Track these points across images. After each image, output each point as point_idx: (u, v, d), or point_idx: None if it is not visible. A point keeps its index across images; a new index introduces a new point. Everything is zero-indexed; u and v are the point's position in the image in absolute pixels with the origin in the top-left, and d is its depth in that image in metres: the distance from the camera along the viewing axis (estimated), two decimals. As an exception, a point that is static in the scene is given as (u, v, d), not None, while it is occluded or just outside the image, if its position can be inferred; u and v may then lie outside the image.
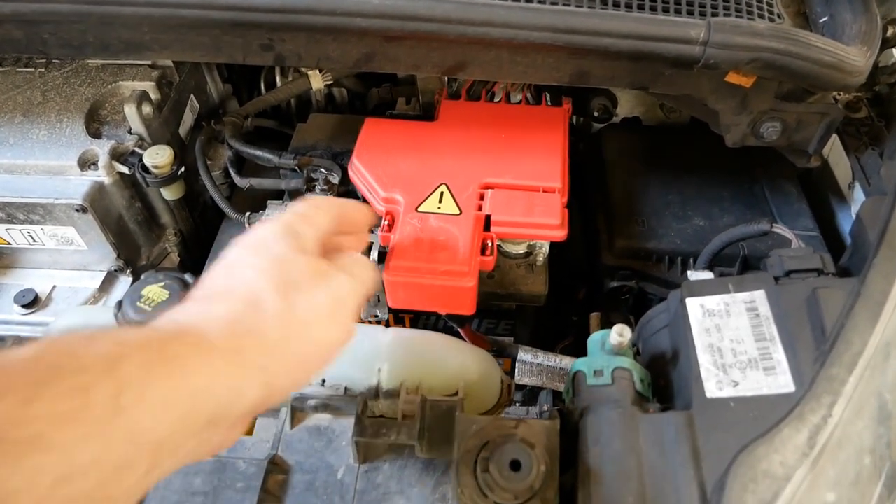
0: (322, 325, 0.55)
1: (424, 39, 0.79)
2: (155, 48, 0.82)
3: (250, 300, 0.52)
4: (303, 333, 0.53)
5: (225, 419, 0.48)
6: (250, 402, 0.49)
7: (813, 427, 0.59)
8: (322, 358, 0.56)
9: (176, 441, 0.43)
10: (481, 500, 0.63)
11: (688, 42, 0.76)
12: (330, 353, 0.57)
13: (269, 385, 0.50)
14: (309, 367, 0.55)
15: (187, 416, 0.44)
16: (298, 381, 0.55)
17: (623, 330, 0.72)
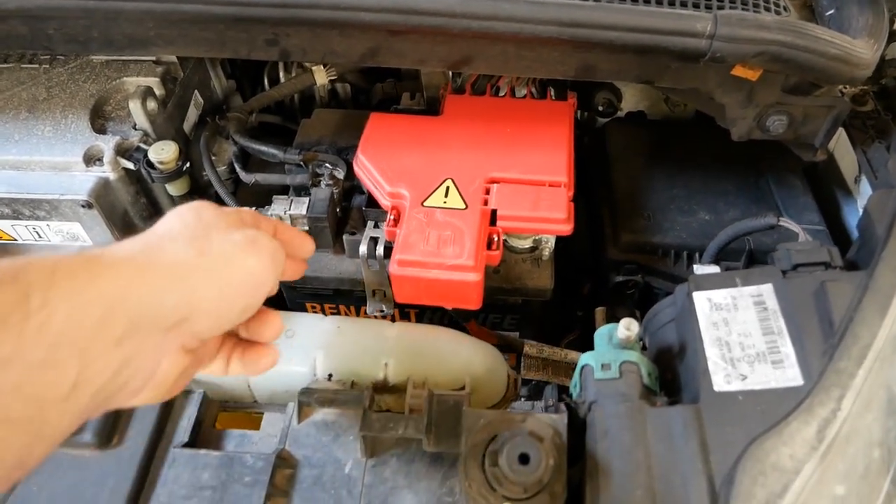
0: (239, 254, 0.54)
1: (429, 34, 0.79)
2: (159, 44, 0.82)
3: (164, 233, 0.53)
4: (218, 257, 0.53)
5: (148, 328, 0.47)
6: (170, 309, 0.49)
7: (822, 420, 0.59)
8: (242, 284, 0.55)
9: (100, 348, 0.44)
10: (489, 493, 0.63)
11: (694, 35, 0.76)
12: (250, 282, 0.55)
13: (188, 298, 0.50)
14: (229, 290, 0.54)
15: (104, 320, 0.44)
16: (220, 306, 0.53)
17: (630, 324, 0.72)
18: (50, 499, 0.73)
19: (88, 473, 0.74)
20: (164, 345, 0.50)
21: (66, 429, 0.44)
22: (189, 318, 0.50)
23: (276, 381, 0.85)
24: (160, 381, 0.53)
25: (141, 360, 0.48)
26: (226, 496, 0.72)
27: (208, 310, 0.52)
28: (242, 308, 0.56)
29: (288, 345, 0.85)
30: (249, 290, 0.56)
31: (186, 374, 0.56)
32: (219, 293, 0.53)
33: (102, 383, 0.45)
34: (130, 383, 0.48)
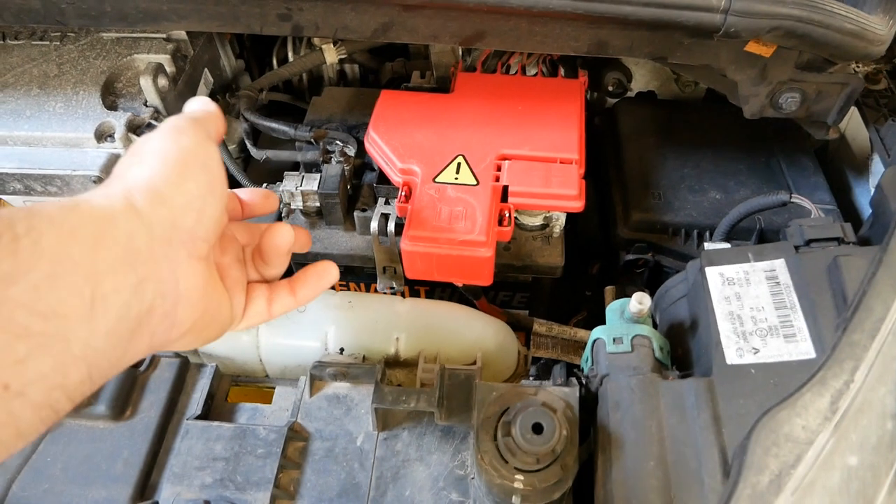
0: (167, 139, 0.53)
1: (442, 8, 0.79)
2: (172, 18, 0.82)
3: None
4: (156, 150, 0.52)
5: (145, 245, 0.48)
6: (159, 222, 0.49)
7: (835, 392, 0.59)
8: (191, 163, 0.53)
9: (103, 267, 0.44)
10: (502, 465, 0.63)
11: (708, 10, 0.75)
12: (196, 159, 0.54)
13: (162, 201, 0.50)
14: (182, 171, 0.52)
15: (96, 243, 0.44)
16: (189, 193, 0.52)
17: (643, 298, 0.72)
18: (64, 469, 0.73)
19: (103, 445, 0.75)
20: (170, 255, 0.50)
21: (97, 349, 0.43)
22: (174, 221, 0.50)
23: (288, 355, 0.85)
24: (191, 297, 0.53)
25: (154, 275, 0.48)
26: (239, 467, 0.73)
27: (183, 203, 0.51)
28: (208, 185, 0.54)
29: (300, 319, 0.85)
30: (201, 166, 0.54)
31: (214, 287, 0.56)
32: (179, 182, 0.51)
33: (124, 301, 0.45)
34: (158, 303, 0.48)
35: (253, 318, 0.64)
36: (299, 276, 0.67)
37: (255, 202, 0.68)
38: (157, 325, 0.49)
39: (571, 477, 0.64)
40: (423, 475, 0.73)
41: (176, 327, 0.52)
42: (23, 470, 0.73)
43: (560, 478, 0.62)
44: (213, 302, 0.56)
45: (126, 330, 0.46)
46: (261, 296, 0.64)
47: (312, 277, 0.68)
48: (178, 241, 0.51)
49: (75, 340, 0.41)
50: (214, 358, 0.85)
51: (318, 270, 0.68)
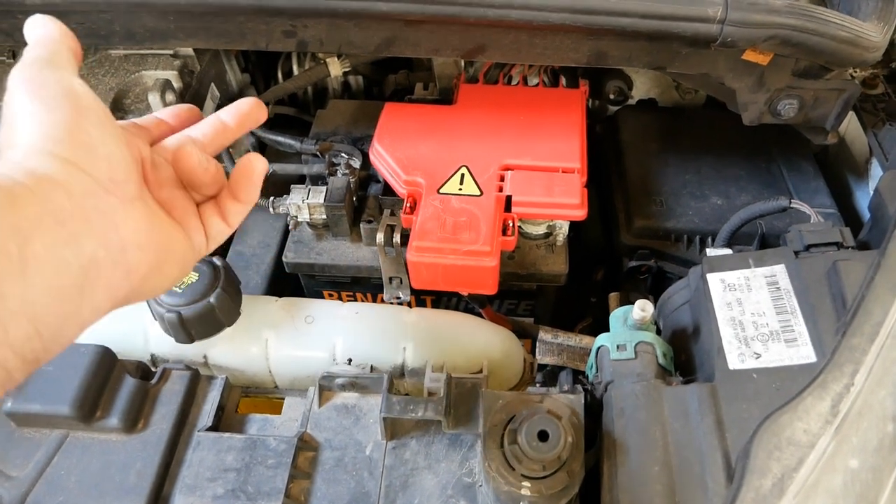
0: (27, 95, 0.49)
1: (444, 23, 0.80)
2: (179, 36, 0.84)
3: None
4: (13, 115, 0.49)
5: (35, 182, 0.44)
6: (55, 164, 0.46)
7: (835, 395, 0.60)
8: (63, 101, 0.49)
9: (27, 227, 0.42)
10: (509, 472, 0.64)
11: (705, 21, 0.77)
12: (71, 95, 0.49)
13: (31, 132, 0.47)
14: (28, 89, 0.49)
15: (12, 202, 0.42)
16: (49, 119, 0.48)
17: (645, 305, 0.73)
18: (79, 481, 0.74)
19: (115, 457, 0.76)
20: (99, 205, 0.47)
21: (49, 304, 0.43)
22: (86, 172, 0.47)
23: (297, 366, 0.87)
24: (137, 240, 0.50)
25: (88, 227, 0.46)
26: (250, 478, 0.74)
27: (83, 153, 0.48)
28: (95, 125, 0.50)
29: (308, 331, 0.86)
30: (75, 108, 0.49)
31: (160, 224, 0.54)
32: (67, 135, 0.48)
33: (60, 256, 0.44)
34: (102, 254, 0.47)
35: (217, 237, 0.61)
36: (232, 181, 0.61)
37: (182, 117, 0.63)
38: (110, 275, 0.48)
39: (578, 483, 0.65)
40: (431, 483, 0.74)
41: (132, 273, 0.50)
42: (37, 483, 0.74)
43: (566, 484, 0.63)
44: (163, 238, 0.54)
45: (71, 284, 0.45)
46: (213, 213, 0.60)
47: (244, 177, 0.61)
48: (100, 189, 0.48)
49: (11, 296, 0.41)
50: (224, 370, 0.87)
51: (245, 167, 0.61)
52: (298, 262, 0.98)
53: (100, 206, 0.48)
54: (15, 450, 0.76)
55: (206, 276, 0.81)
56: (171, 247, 0.55)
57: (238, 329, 0.85)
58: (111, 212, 0.49)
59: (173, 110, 0.64)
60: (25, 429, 0.77)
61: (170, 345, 0.85)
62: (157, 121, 0.62)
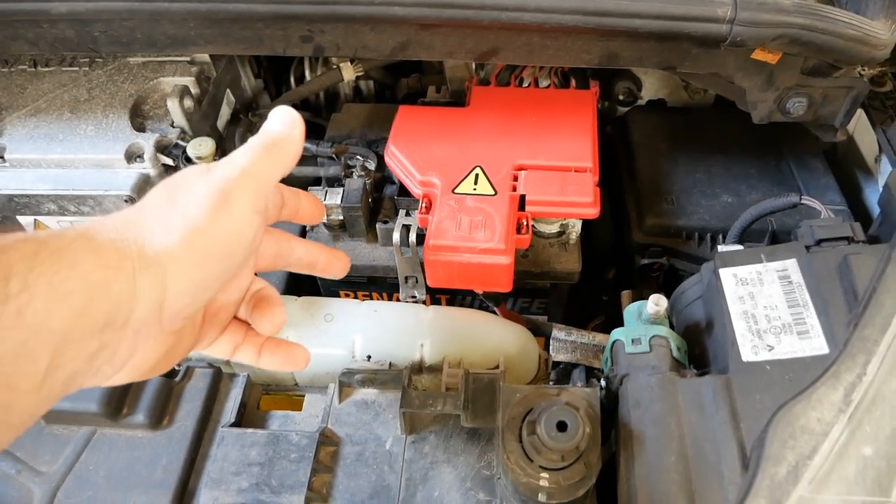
0: (204, 213, 0.48)
1: (459, 26, 0.82)
2: (199, 43, 0.86)
3: (137, 205, 0.50)
4: (187, 223, 0.48)
5: (124, 319, 0.44)
6: (148, 301, 0.45)
7: (848, 385, 0.61)
8: (215, 249, 0.49)
9: (75, 336, 0.41)
10: (527, 464, 0.66)
11: (715, 21, 0.78)
12: (226, 246, 0.50)
13: (162, 282, 0.46)
14: (203, 259, 0.48)
15: (85, 309, 0.41)
16: (195, 278, 0.48)
17: (659, 299, 0.74)
18: (107, 477, 0.76)
19: (142, 453, 0.78)
20: (142, 330, 0.46)
21: (34, 415, 0.41)
22: (164, 302, 0.46)
23: (317, 363, 0.88)
24: (138, 365, 0.51)
25: (118, 346, 0.45)
26: (273, 472, 0.76)
27: (183, 291, 0.47)
28: (220, 273, 0.51)
29: (327, 329, 0.88)
30: (226, 251, 0.50)
31: (171, 354, 0.54)
32: (193, 268, 0.48)
33: (75, 370, 0.42)
34: (104, 369, 0.46)
35: (210, 350, 0.62)
36: (273, 344, 0.64)
37: (301, 207, 0.65)
38: (89, 381, 0.46)
39: (595, 474, 0.66)
40: (450, 476, 0.76)
41: (106, 381, 0.49)
42: (66, 478, 0.76)
43: (584, 475, 0.64)
44: (163, 366, 0.54)
45: (62, 391, 0.43)
46: (230, 341, 0.62)
47: (282, 356, 0.65)
48: (156, 320, 0.47)
49: (16, 411, 0.39)
50: (246, 368, 0.88)
51: (292, 352, 0.65)
52: (316, 263, 0.99)
53: (142, 330, 0.46)
54: (44, 446, 0.78)
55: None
56: (163, 368, 0.55)
57: (259, 328, 0.87)
58: (143, 338, 0.47)
59: (302, 198, 0.65)
60: (54, 426, 0.79)
61: (192, 343, 0.86)
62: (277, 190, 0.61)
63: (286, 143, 0.57)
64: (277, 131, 0.57)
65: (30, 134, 1.00)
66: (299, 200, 0.65)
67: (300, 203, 0.65)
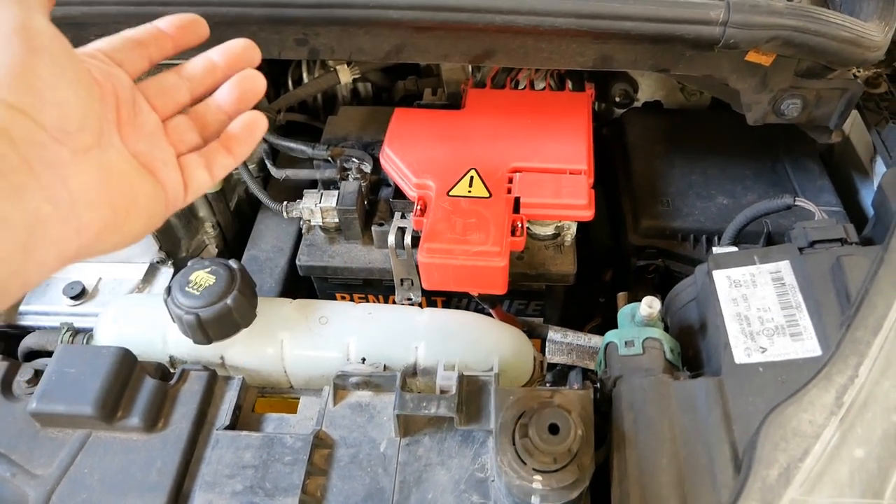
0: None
1: (453, 29, 0.82)
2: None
3: None
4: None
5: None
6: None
7: (840, 387, 0.61)
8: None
9: None
10: (520, 466, 0.66)
11: (708, 23, 0.78)
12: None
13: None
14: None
15: None
16: (16, 93, 0.43)
17: (652, 301, 0.74)
18: (101, 480, 0.76)
19: (136, 455, 0.78)
20: (47, 156, 0.44)
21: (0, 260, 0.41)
22: (34, 120, 0.44)
23: (312, 366, 0.88)
24: (88, 197, 0.47)
25: (32, 181, 0.43)
26: (267, 475, 0.76)
27: (31, 100, 0.44)
28: (51, 68, 0.45)
29: (322, 331, 0.88)
30: (29, 49, 0.45)
31: (121, 177, 0.50)
32: (15, 79, 0.43)
33: (3, 213, 0.41)
34: (46, 210, 0.44)
35: (197, 190, 0.57)
36: (230, 134, 0.59)
37: (185, 29, 0.59)
38: (58, 232, 0.44)
39: (588, 476, 0.66)
40: (444, 479, 0.76)
41: (84, 231, 0.47)
42: (61, 481, 0.76)
43: (577, 477, 0.64)
44: (123, 193, 0.50)
45: (13, 241, 0.42)
46: (197, 164, 0.57)
47: (244, 131, 0.59)
48: (49, 139, 0.45)
49: None
50: (241, 370, 0.88)
51: (248, 123, 0.59)
52: (312, 265, 1.00)
53: (47, 156, 0.44)
54: (39, 449, 0.78)
55: (222, 279, 0.83)
56: (133, 202, 0.51)
57: (254, 330, 0.87)
58: (60, 164, 0.45)
59: (175, 20, 0.58)
60: (49, 429, 0.79)
61: (188, 346, 0.87)
62: (156, 32, 0.57)
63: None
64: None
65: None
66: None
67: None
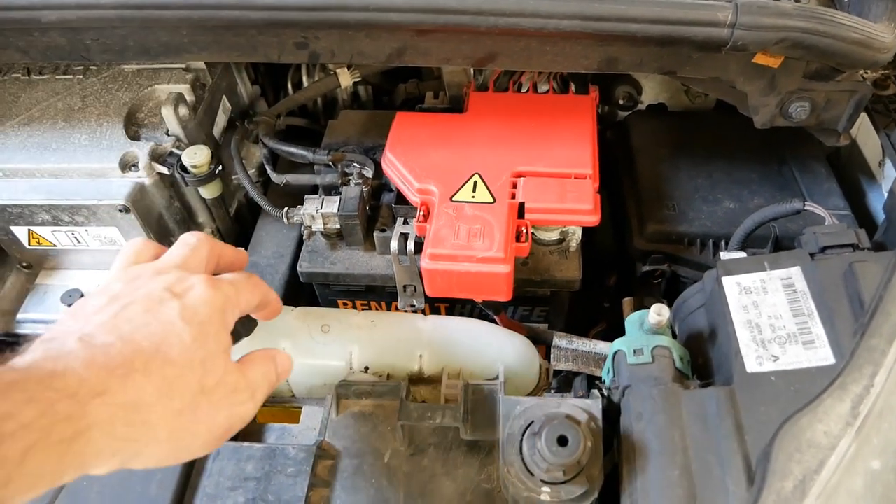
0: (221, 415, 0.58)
1: (455, 32, 0.81)
2: (193, 50, 0.85)
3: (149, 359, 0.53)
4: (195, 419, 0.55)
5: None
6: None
7: (855, 397, 0.60)
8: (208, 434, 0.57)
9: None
10: (528, 478, 0.64)
11: (715, 25, 0.77)
12: (223, 428, 0.59)
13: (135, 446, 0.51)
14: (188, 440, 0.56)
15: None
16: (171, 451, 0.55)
17: (661, 309, 0.73)
18: (100, 493, 0.75)
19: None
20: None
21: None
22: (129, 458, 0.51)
23: (314, 375, 0.87)
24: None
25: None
26: (270, 487, 0.74)
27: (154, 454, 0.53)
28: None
29: (324, 339, 0.87)
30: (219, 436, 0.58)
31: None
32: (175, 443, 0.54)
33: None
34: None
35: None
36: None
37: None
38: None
39: (597, 488, 0.65)
40: (450, 490, 0.74)
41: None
42: (59, 495, 0.75)
43: (586, 489, 0.63)
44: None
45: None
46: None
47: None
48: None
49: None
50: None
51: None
52: (313, 272, 0.98)
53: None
54: (37, 462, 0.77)
55: (223, 287, 0.82)
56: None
57: (255, 339, 0.85)
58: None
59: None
60: (47, 441, 0.78)
61: (188, 356, 0.85)
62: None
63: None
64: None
65: (23, 143, 0.99)
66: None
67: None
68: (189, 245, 0.65)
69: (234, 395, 0.58)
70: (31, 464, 0.43)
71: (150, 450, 0.52)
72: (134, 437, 0.50)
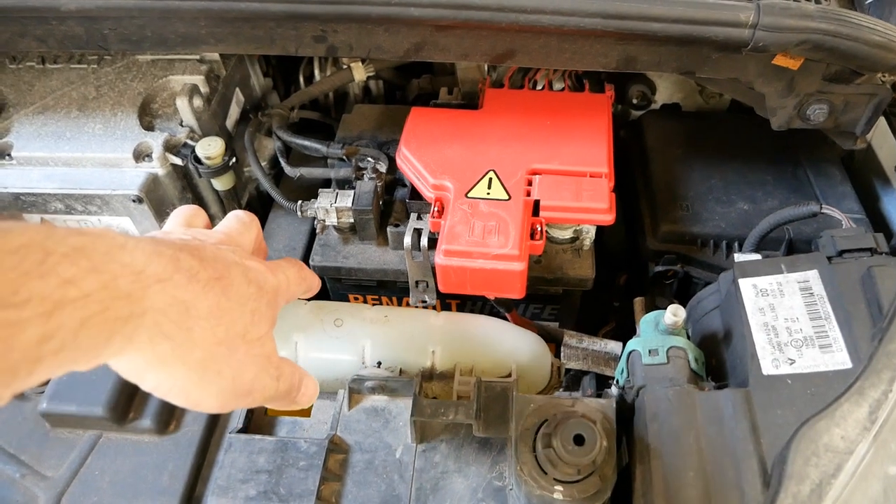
0: (250, 370, 0.55)
1: (475, 28, 0.80)
2: (210, 41, 0.84)
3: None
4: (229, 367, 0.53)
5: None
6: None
7: (873, 402, 0.60)
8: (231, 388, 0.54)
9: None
10: (541, 476, 0.64)
11: (737, 25, 0.77)
12: (241, 388, 0.55)
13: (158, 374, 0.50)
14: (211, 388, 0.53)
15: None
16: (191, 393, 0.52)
17: (677, 310, 0.73)
18: (112, 482, 0.75)
19: (148, 458, 0.77)
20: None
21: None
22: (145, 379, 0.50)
23: (326, 369, 0.87)
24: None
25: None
26: (282, 480, 0.74)
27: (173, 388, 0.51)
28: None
29: (337, 334, 0.87)
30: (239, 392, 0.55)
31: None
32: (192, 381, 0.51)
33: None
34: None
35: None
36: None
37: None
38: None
39: (610, 487, 0.65)
40: (461, 486, 0.74)
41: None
42: (71, 483, 0.75)
43: (599, 488, 0.63)
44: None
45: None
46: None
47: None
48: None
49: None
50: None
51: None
52: (325, 266, 0.98)
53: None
54: (50, 450, 0.77)
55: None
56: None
57: (268, 331, 0.86)
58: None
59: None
60: (60, 430, 0.78)
61: (200, 348, 0.85)
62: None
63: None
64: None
65: (37, 132, 0.99)
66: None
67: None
68: (243, 223, 0.65)
69: (267, 363, 0.57)
70: (84, 336, 0.41)
71: (178, 366, 0.50)
72: (176, 340, 0.48)
